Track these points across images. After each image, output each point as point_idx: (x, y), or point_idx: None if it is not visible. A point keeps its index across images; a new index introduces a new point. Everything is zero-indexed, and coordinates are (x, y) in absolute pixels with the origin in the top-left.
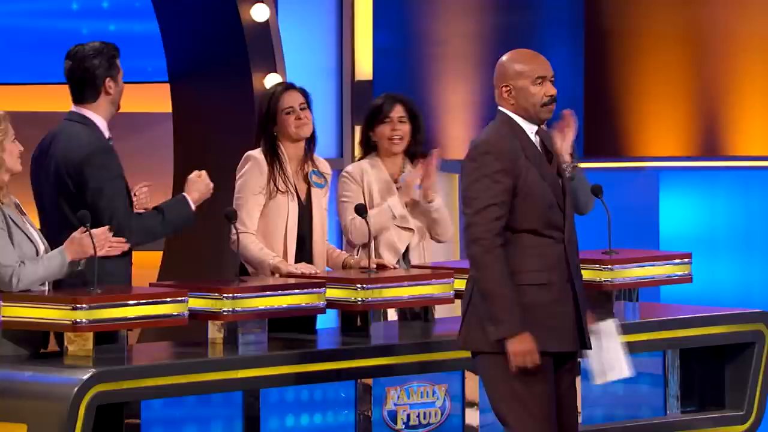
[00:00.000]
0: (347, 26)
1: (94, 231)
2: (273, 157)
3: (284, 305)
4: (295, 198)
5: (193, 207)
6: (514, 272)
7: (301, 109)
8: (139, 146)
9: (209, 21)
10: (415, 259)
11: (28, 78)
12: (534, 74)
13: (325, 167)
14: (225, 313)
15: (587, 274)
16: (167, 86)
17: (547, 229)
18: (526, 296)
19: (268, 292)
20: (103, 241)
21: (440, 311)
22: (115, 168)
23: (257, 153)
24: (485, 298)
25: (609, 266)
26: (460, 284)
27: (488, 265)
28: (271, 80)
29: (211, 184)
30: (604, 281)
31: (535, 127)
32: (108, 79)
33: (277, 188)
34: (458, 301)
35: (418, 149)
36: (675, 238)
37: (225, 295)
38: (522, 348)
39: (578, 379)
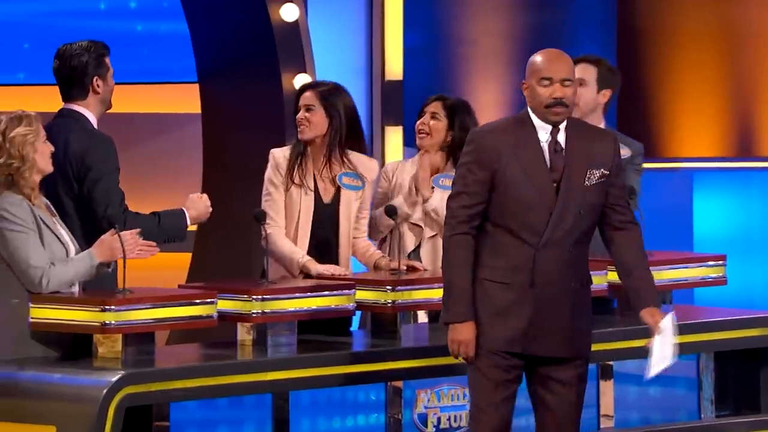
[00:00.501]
0: (377, 26)
1: (123, 234)
2: (297, 154)
3: (314, 307)
4: (311, 194)
5: (188, 223)
6: (481, 264)
7: (307, 111)
8: (167, 147)
9: (238, 21)
10: (425, 257)
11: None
12: (540, 75)
13: (367, 168)
14: (255, 315)
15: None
16: (196, 87)
17: (522, 230)
18: (487, 291)
19: (297, 294)
20: (132, 245)
21: None
22: (114, 161)
23: (278, 150)
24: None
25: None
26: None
27: (447, 249)
28: (301, 80)
29: (210, 208)
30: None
31: (549, 127)
32: (96, 77)
33: (292, 182)
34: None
35: (456, 149)
36: (709, 240)
37: (254, 296)
38: (458, 337)
39: (609, 384)
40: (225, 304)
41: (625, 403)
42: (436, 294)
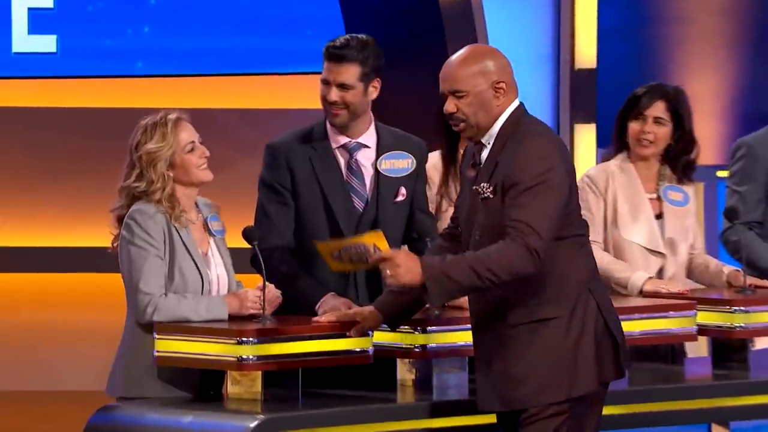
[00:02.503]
0: (566, 2)
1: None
2: (451, 160)
3: None
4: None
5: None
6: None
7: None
8: None
9: None
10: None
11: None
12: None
13: None
14: (417, 350)
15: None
16: None
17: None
18: None
19: (467, 325)
20: (273, 300)
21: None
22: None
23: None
24: None
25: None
26: (706, 318)
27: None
28: None
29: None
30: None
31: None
32: None
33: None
34: (702, 339)
35: (680, 155)
36: None
37: (418, 327)
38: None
39: None
40: (382, 337)
41: None
42: (638, 326)
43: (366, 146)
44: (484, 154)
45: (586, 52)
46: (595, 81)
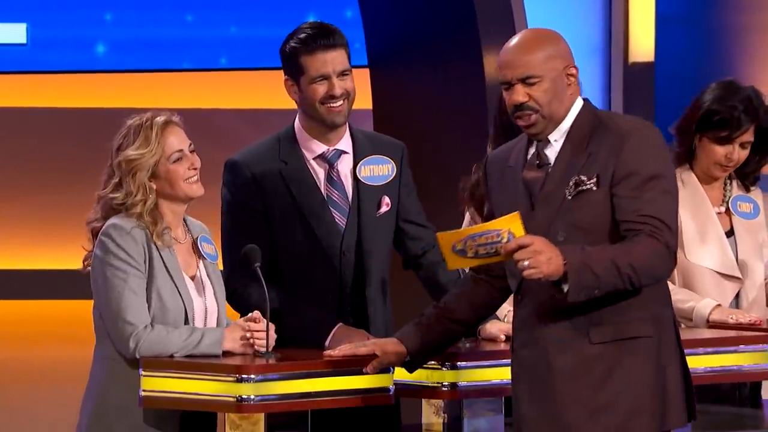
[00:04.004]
0: None
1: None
2: None
3: None
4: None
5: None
6: None
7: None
8: None
9: None
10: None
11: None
12: (500, 79)
13: None
14: (445, 389)
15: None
16: (364, 72)
17: None
18: None
19: (502, 360)
20: (272, 338)
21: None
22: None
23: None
24: None
25: None
26: None
27: None
28: None
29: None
30: None
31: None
32: None
33: None
34: None
35: (756, 170)
36: None
37: (446, 363)
38: None
39: None
40: (404, 374)
41: None
42: (699, 363)
43: (345, 153)
44: (550, 152)
45: (643, 43)
46: (652, 76)
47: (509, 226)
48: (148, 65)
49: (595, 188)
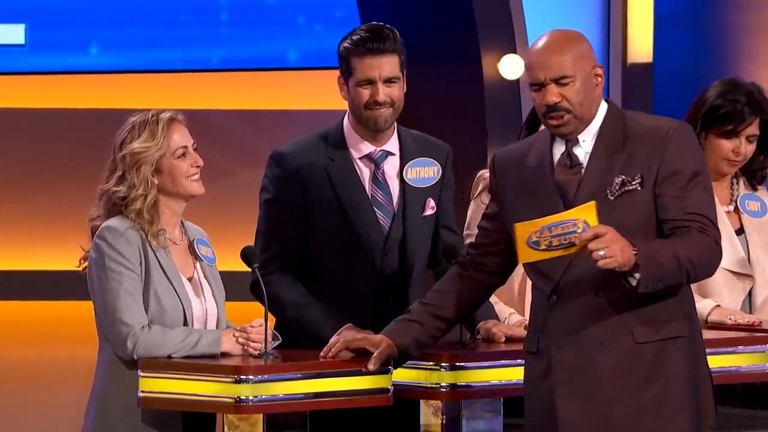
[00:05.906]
0: None
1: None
2: None
3: None
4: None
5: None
6: None
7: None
8: None
9: None
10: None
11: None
12: (529, 80)
13: None
14: (444, 390)
15: None
16: None
17: None
18: None
19: (502, 361)
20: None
21: None
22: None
23: None
24: None
25: None
26: None
27: None
28: (508, 64)
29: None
30: None
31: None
32: None
33: None
34: None
35: (763, 166)
36: None
37: (443, 364)
38: None
39: None
40: (403, 374)
41: None
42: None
43: (392, 154)
44: (579, 152)
45: (641, 44)
46: (651, 77)
47: (585, 215)
48: (147, 66)
49: (639, 188)
